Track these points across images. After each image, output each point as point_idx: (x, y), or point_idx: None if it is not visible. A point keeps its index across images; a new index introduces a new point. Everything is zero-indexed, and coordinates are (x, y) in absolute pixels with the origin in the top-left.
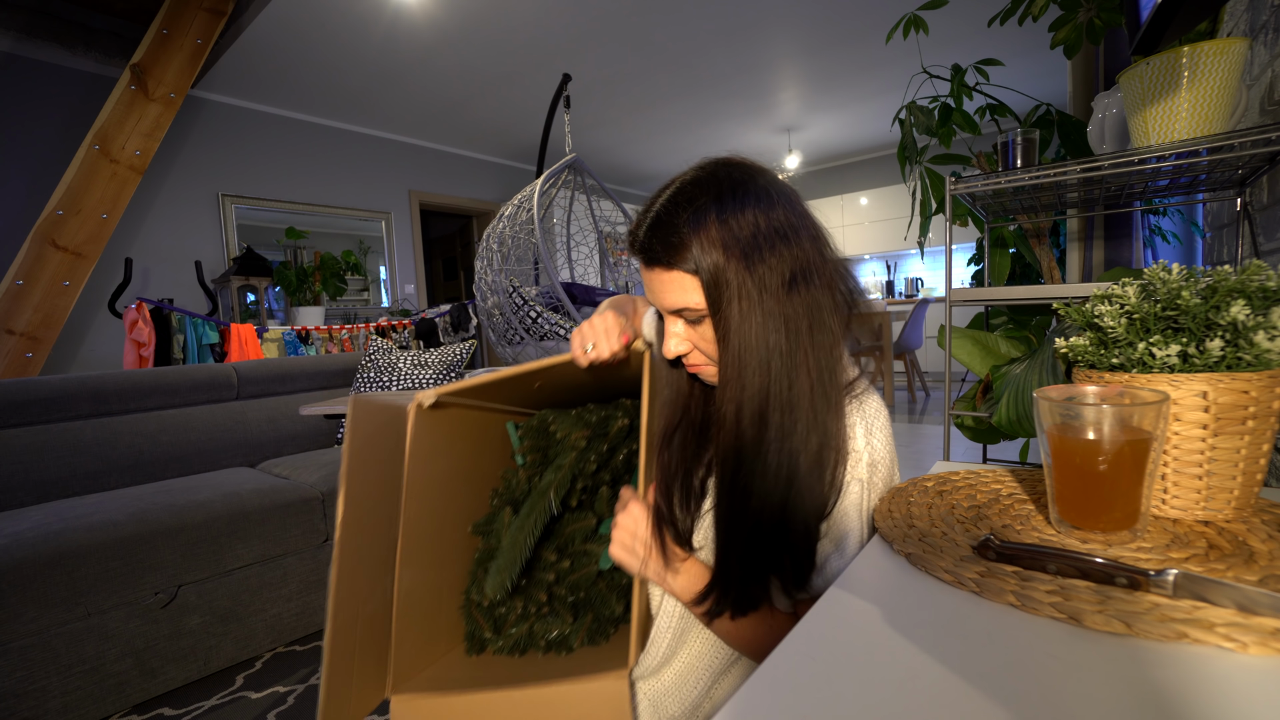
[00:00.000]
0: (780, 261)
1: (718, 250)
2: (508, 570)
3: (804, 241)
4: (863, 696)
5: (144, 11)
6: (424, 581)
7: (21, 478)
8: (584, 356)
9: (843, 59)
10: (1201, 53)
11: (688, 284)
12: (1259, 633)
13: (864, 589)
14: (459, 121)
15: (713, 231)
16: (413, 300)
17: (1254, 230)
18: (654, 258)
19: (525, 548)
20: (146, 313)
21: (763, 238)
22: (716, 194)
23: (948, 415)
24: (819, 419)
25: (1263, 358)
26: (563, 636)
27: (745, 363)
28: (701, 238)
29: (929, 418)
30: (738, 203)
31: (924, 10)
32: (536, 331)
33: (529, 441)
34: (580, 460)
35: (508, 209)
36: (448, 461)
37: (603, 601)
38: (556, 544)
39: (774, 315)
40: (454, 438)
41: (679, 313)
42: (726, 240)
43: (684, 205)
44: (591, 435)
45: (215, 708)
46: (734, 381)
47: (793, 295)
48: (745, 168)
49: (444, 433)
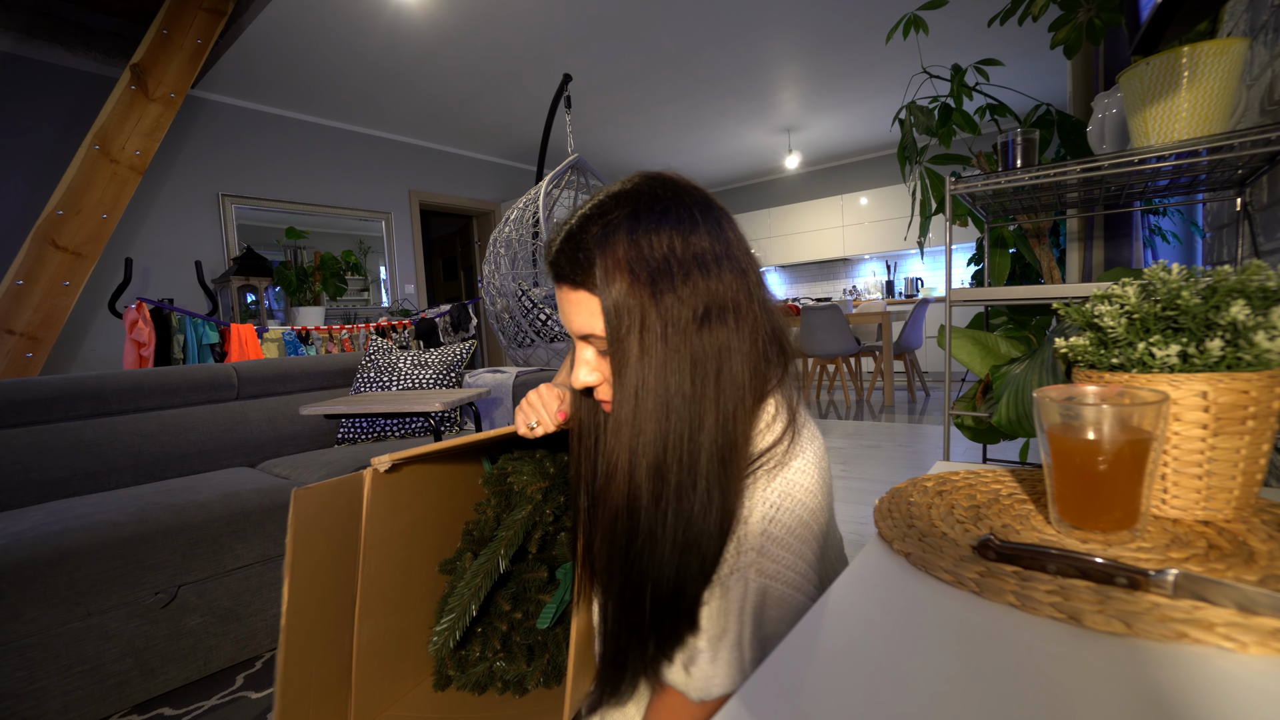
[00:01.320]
0: (693, 293)
1: (622, 273)
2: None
3: (725, 275)
4: (863, 696)
5: (144, 11)
6: (387, 629)
7: (21, 478)
8: (529, 433)
9: (843, 59)
10: (1201, 53)
11: (594, 307)
12: (1259, 633)
13: (864, 589)
14: (459, 121)
15: (620, 252)
16: (413, 300)
17: (1254, 230)
18: (560, 274)
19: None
20: (146, 313)
21: (676, 264)
22: (633, 210)
23: (948, 415)
24: (723, 480)
25: (1263, 358)
26: (519, 677)
27: (642, 403)
28: (608, 258)
29: (929, 418)
30: (654, 222)
31: (924, 10)
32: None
33: (490, 489)
34: (536, 512)
35: (513, 212)
36: (412, 513)
37: (557, 646)
38: (512, 591)
39: (679, 353)
40: (419, 489)
41: (586, 338)
42: (634, 263)
43: (597, 219)
44: (549, 487)
45: (215, 708)
46: (628, 423)
47: (703, 333)
48: (673, 185)
49: (406, 488)
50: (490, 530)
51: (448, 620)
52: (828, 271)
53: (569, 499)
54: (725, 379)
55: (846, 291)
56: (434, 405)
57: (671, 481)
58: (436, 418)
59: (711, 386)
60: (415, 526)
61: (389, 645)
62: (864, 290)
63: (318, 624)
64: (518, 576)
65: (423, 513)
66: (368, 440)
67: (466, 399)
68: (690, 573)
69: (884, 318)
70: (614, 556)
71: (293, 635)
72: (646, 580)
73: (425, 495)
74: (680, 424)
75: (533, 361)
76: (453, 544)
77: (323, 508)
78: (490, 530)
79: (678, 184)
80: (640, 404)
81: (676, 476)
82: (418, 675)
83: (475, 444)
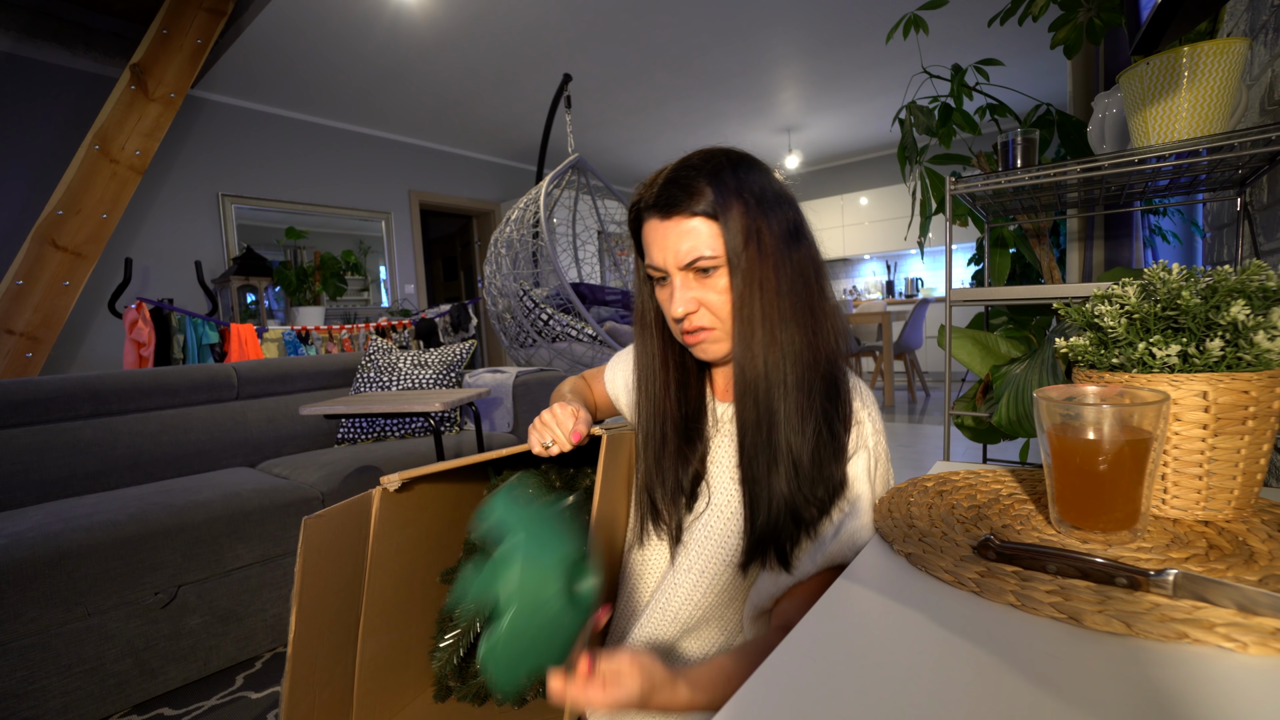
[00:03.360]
0: (786, 216)
1: (735, 197)
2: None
3: (799, 209)
4: (863, 696)
5: (144, 11)
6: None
7: (21, 478)
8: (543, 452)
9: (843, 59)
10: (1201, 53)
11: (705, 231)
12: (1259, 633)
13: (864, 589)
14: (459, 121)
15: (729, 182)
16: (413, 300)
17: (1254, 230)
18: (672, 203)
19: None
20: (146, 313)
21: (770, 195)
22: (727, 158)
23: (948, 415)
24: (835, 368)
25: (1263, 358)
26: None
27: (766, 306)
28: (720, 185)
29: (929, 418)
30: (746, 167)
31: (924, 10)
32: (549, 334)
33: None
34: None
35: (514, 212)
36: (417, 528)
37: None
38: None
39: (788, 261)
40: (424, 504)
41: (691, 265)
42: (742, 190)
43: (698, 165)
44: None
45: (215, 708)
46: (759, 320)
47: (797, 249)
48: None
49: (413, 504)
50: None
51: (452, 637)
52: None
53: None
54: (820, 286)
55: (846, 291)
56: (434, 405)
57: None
58: (436, 418)
59: (816, 288)
60: (420, 540)
61: (391, 659)
62: (864, 290)
63: (322, 646)
64: None
65: (427, 526)
66: (368, 440)
67: (466, 399)
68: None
69: (884, 318)
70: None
71: (299, 663)
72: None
73: (430, 509)
74: (799, 318)
75: (535, 361)
76: (454, 553)
77: (331, 532)
78: None
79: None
80: (764, 300)
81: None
82: (418, 687)
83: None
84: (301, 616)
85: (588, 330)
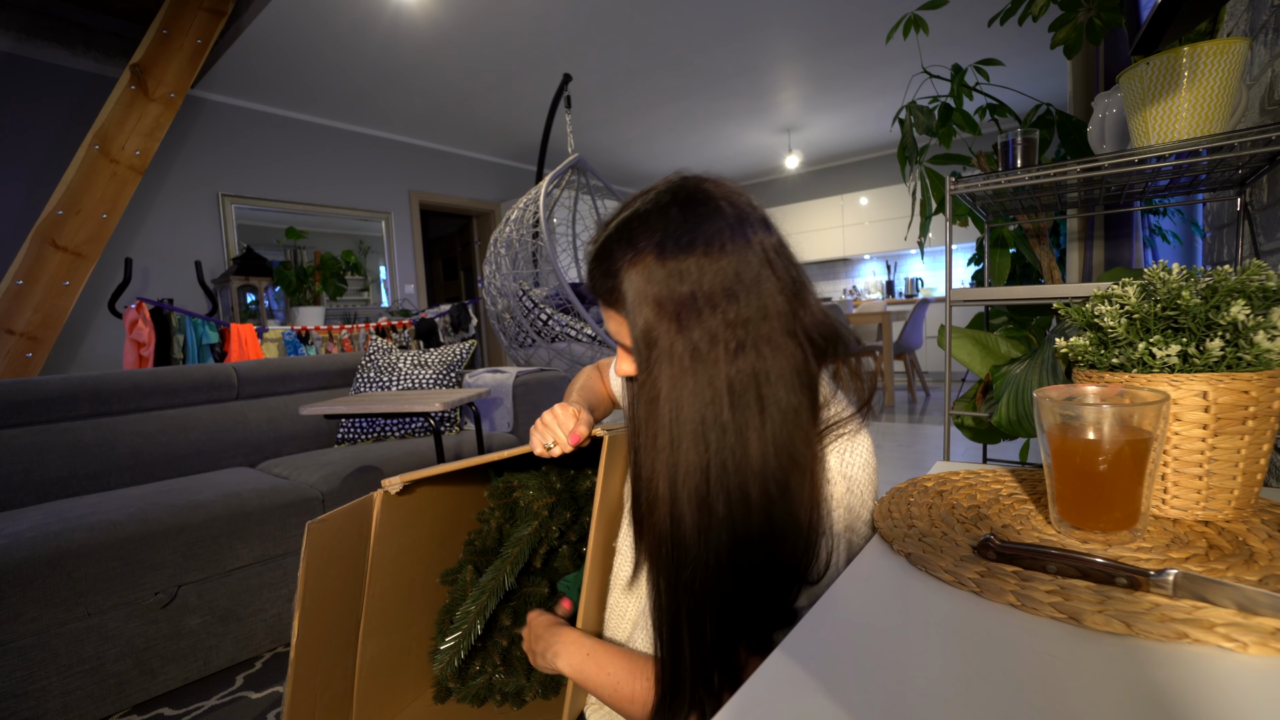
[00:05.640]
0: (722, 324)
1: (648, 304)
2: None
3: (764, 290)
4: (863, 696)
5: (144, 11)
6: (389, 645)
7: (21, 478)
8: (545, 453)
9: (843, 59)
10: (1201, 53)
11: (617, 320)
12: (1259, 633)
13: (864, 589)
14: (459, 121)
15: (648, 277)
16: (413, 300)
17: (1254, 230)
18: (594, 290)
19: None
20: (146, 313)
21: (703, 295)
22: (662, 231)
23: (948, 415)
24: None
25: (1263, 358)
26: (518, 689)
27: (678, 435)
28: (636, 283)
29: (929, 418)
30: (684, 246)
31: (924, 10)
32: (548, 334)
33: (494, 502)
34: (542, 527)
35: (513, 212)
36: (418, 530)
37: None
38: (513, 606)
39: (712, 384)
40: (425, 505)
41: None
42: (660, 293)
43: (626, 242)
44: (555, 502)
45: (215, 708)
46: (665, 452)
47: (738, 361)
48: (703, 201)
49: (414, 506)
50: (492, 541)
51: (453, 639)
52: (828, 271)
53: (574, 514)
54: (770, 404)
55: (846, 291)
56: (434, 405)
57: (720, 514)
58: (436, 418)
59: (754, 415)
60: (420, 542)
61: (390, 661)
62: (864, 290)
63: (324, 649)
64: (519, 592)
65: (428, 528)
66: (368, 440)
67: (466, 399)
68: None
69: (884, 318)
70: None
71: (301, 666)
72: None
73: (431, 510)
74: (723, 454)
75: (534, 361)
76: (454, 554)
77: (334, 536)
78: (492, 541)
79: (708, 199)
80: (675, 433)
81: (725, 509)
82: (418, 688)
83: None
84: (304, 620)
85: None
